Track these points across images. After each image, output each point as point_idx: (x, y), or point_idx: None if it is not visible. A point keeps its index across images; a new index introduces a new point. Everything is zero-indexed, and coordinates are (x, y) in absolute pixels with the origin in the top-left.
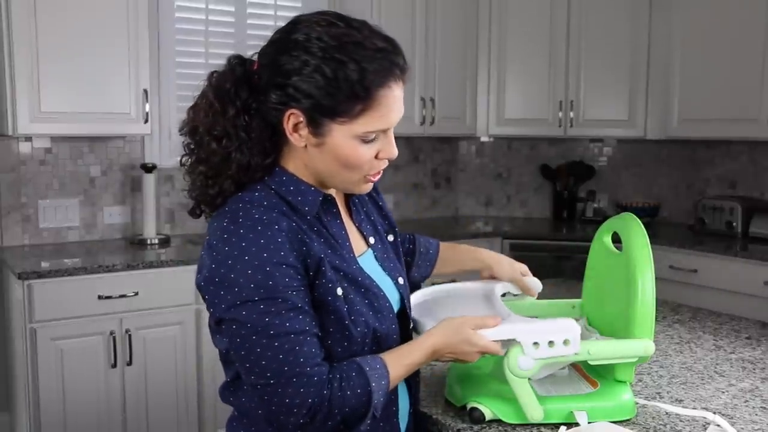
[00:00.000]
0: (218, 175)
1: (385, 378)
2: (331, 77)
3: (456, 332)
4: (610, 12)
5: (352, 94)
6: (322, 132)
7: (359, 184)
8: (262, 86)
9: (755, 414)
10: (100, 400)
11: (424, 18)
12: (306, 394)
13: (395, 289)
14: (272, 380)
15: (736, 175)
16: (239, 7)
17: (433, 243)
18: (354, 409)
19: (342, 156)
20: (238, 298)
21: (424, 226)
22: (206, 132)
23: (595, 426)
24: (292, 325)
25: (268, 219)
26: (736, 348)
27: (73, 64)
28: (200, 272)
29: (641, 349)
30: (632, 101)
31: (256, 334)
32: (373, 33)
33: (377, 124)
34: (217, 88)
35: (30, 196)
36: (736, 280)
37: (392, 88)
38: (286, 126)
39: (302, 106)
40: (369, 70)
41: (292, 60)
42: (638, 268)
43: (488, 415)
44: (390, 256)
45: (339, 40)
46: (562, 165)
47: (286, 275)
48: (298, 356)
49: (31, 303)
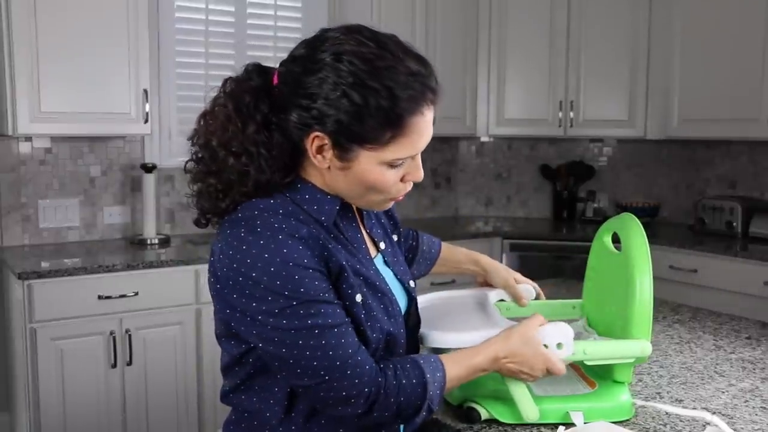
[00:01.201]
0: (231, 189)
1: (440, 371)
2: (361, 104)
3: (525, 342)
4: (609, 12)
5: (382, 122)
6: (349, 157)
7: (382, 204)
8: (283, 102)
9: (755, 414)
10: (100, 401)
11: (424, 18)
12: (361, 384)
13: (404, 293)
14: (327, 377)
15: (736, 175)
16: (239, 7)
17: (436, 242)
18: (409, 400)
19: (368, 181)
20: (275, 307)
21: (424, 226)
22: (222, 146)
23: (592, 426)
24: (333, 320)
25: (287, 227)
26: (736, 348)
27: (73, 64)
28: (218, 281)
29: (638, 349)
30: (632, 101)
31: (302, 338)
32: (406, 54)
33: (406, 151)
34: (235, 99)
35: (30, 196)
36: (736, 280)
37: (424, 114)
38: (310, 148)
39: (328, 129)
40: (402, 98)
41: (319, 82)
42: (636, 268)
43: (484, 415)
44: (399, 260)
45: (370, 63)
46: (562, 165)
47: (315, 279)
48: (346, 348)
49: (31, 303)
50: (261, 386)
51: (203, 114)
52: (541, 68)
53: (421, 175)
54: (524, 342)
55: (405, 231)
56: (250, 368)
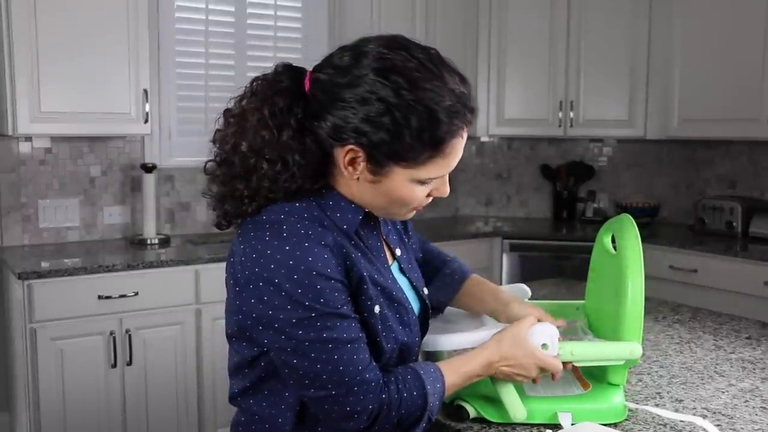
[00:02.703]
0: (258, 195)
1: (439, 381)
2: (403, 124)
3: (516, 344)
4: (610, 12)
5: (422, 143)
6: (382, 172)
7: (404, 215)
8: (318, 109)
9: (755, 414)
10: (100, 400)
11: (423, 19)
12: (366, 400)
13: (418, 300)
14: (333, 391)
15: (736, 175)
16: (239, 7)
17: (464, 271)
18: (410, 412)
19: (397, 197)
20: (294, 316)
21: (424, 227)
22: (254, 152)
23: (579, 427)
24: (348, 335)
25: (314, 234)
26: (736, 348)
27: (73, 64)
28: (237, 284)
29: (627, 351)
30: (632, 101)
31: (315, 350)
32: (450, 73)
33: (441, 171)
34: (268, 102)
35: (30, 196)
36: (736, 280)
37: (463, 136)
38: (342, 159)
39: (365, 144)
40: (444, 121)
41: (361, 98)
42: (628, 269)
43: (473, 414)
44: (414, 266)
45: (415, 84)
46: (562, 165)
47: (335, 290)
48: (356, 364)
49: (31, 303)
50: (271, 391)
51: (231, 115)
52: (541, 68)
53: (448, 191)
54: (516, 344)
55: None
56: (261, 371)
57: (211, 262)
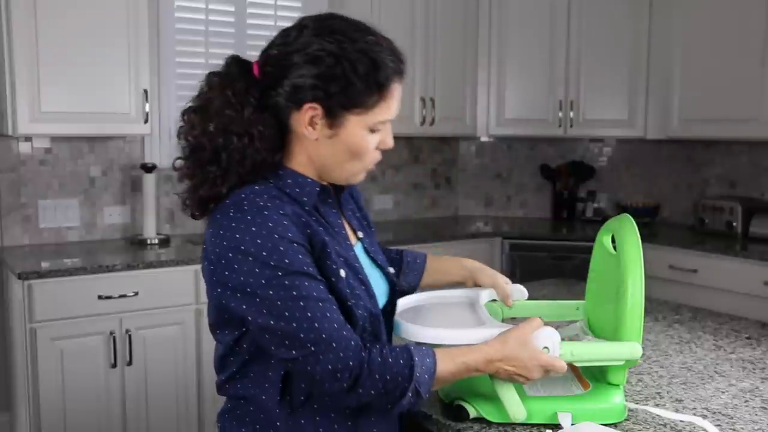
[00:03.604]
0: (229, 173)
1: (429, 356)
2: (351, 71)
3: (522, 346)
4: (610, 12)
5: (370, 87)
6: (338, 123)
7: (359, 174)
8: (272, 84)
9: (755, 414)
10: (100, 400)
11: (424, 18)
12: (346, 357)
13: (384, 280)
14: (313, 347)
15: (736, 175)
16: (239, 7)
17: (421, 254)
18: (396, 380)
19: (353, 146)
20: (263, 277)
21: (424, 226)
22: (222, 130)
23: (579, 427)
24: (318, 294)
25: (272, 204)
26: (736, 348)
27: (73, 64)
28: (211, 263)
29: (627, 352)
30: (632, 101)
31: (288, 309)
32: (381, 36)
33: (386, 115)
34: (229, 86)
35: (30, 196)
36: (736, 280)
37: (399, 82)
38: (302, 120)
39: (320, 99)
40: (384, 66)
41: (309, 58)
42: (628, 269)
43: (472, 413)
44: (377, 249)
45: (352, 37)
46: (562, 165)
47: (299, 252)
48: (330, 322)
49: (31, 303)
50: (256, 373)
51: (192, 109)
52: (541, 68)
53: (392, 141)
54: (521, 346)
55: (389, 250)
56: (245, 354)
57: None
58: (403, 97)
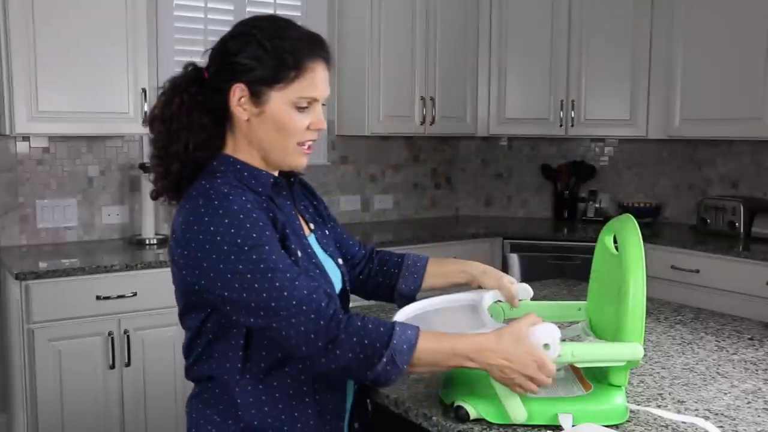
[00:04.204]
0: (165, 156)
1: (411, 329)
2: (270, 50)
3: (517, 341)
4: (611, 11)
5: (286, 63)
6: (262, 101)
7: (295, 155)
8: (212, 74)
9: (758, 415)
10: (98, 401)
11: (424, 18)
12: (318, 318)
13: (337, 269)
14: (283, 312)
15: (738, 175)
16: (239, 7)
17: (422, 258)
18: (373, 344)
19: (280, 122)
20: (231, 253)
21: (424, 226)
22: (156, 118)
23: (580, 428)
24: (284, 266)
25: (235, 192)
26: (739, 349)
27: (72, 63)
28: (183, 249)
29: (628, 352)
30: (634, 100)
31: (257, 281)
32: (303, 28)
33: (307, 91)
34: (172, 85)
35: (28, 196)
36: (738, 281)
37: (319, 63)
38: (232, 100)
39: (246, 78)
40: (301, 44)
41: (237, 43)
42: (630, 269)
43: (473, 414)
44: (329, 242)
45: (276, 25)
46: (563, 165)
47: (265, 229)
48: (300, 289)
49: (29, 304)
50: (219, 352)
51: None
52: (542, 67)
53: (324, 123)
54: (517, 341)
55: (391, 254)
56: (209, 334)
57: None
58: (403, 97)
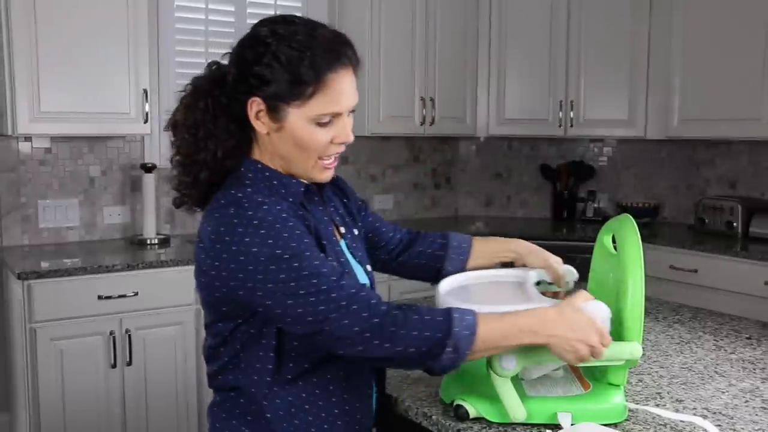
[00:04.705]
0: (192, 164)
1: (470, 314)
2: (285, 63)
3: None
4: (610, 11)
5: (302, 78)
6: (280, 117)
7: (316, 170)
8: (231, 82)
9: (755, 414)
10: (99, 401)
11: (424, 18)
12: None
13: (365, 276)
14: (333, 314)
15: (736, 175)
16: (239, 7)
17: (466, 237)
18: (434, 334)
19: (299, 139)
20: (270, 263)
21: (424, 226)
22: (181, 125)
23: (579, 427)
24: (328, 268)
25: (269, 201)
26: (737, 348)
27: (73, 64)
28: (214, 260)
29: (627, 352)
30: (632, 101)
31: (302, 287)
32: (325, 29)
33: (327, 107)
34: (194, 87)
35: (30, 196)
36: (736, 280)
37: (339, 73)
38: (250, 114)
39: (262, 93)
40: (318, 55)
41: (253, 52)
42: (629, 269)
43: (472, 413)
44: (359, 245)
45: (293, 32)
46: (562, 165)
47: (303, 237)
48: (346, 287)
49: (31, 303)
50: (247, 363)
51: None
52: (541, 68)
53: (349, 136)
54: (576, 311)
55: (432, 234)
56: (237, 344)
57: None
58: (403, 97)
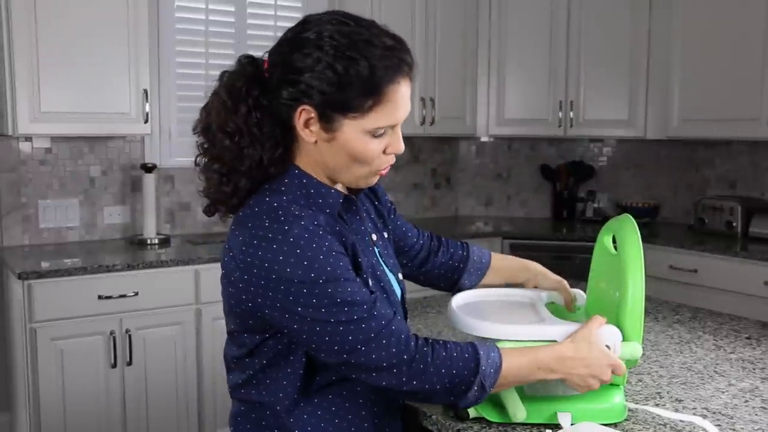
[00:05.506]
0: (232, 172)
1: (494, 351)
2: (343, 73)
3: (592, 345)
4: (610, 12)
5: (362, 90)
6: (333, 127)
7: (368, 178)
8: (273, 84)
9: (755, 414)
10: (99, 401)
11: (423, 18)
12: (399, 352)
13: (397, 285)
14: (362, 347)
15: (736, 175)
16: (239, 7)
17: (486, 253)
18: (461, 373)
19: (352, 151)
20: (304, 287)
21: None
22: (219, 129)
23: (579, 427)
24: (362, 297)
25: (306, 215)
26: (736, 348)
27: (74, 64)
28: (244, 273)
29: (627, 352)
30: (632, 101)
31: (334, 315)
32: (382, 32)
33: (386, 120)
34: (229, 86)
35: (30, 196)
36: (736, 280)
37: (400, 84)
38: (298, 122)
39: (314, 101)
40: (379, 67)
41: (304, 57)
42: (629, 269)
43: (472, 413)
44: (390, 252)
45: (349, 38)
46: (562, 165)
47: (339, 260)
48: (378, 319)
49: (31, 303)
50: (272, 379)
51: (204, 105)
52: (541, 68)
53: (402, 147)
54: (589, 344)
55: (453, 243)
56: (263, 359)
57: (211, 262)
58: None
